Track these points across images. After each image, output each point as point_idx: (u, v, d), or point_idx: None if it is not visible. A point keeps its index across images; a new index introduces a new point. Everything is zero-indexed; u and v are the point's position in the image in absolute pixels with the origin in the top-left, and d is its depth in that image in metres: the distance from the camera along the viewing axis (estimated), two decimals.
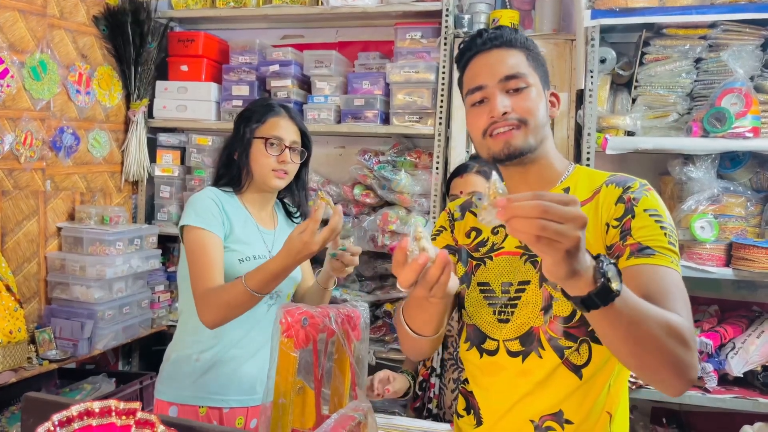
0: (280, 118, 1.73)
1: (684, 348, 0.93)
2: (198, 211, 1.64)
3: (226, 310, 1.55)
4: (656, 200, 1.12)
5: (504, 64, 1.16)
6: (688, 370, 0.94)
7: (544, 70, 1.22)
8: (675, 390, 0.97)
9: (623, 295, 0.86)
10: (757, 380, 2.22)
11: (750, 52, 2.23)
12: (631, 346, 0.92)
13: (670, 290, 1.01)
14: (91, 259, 2.64)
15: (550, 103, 1.22)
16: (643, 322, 0.90)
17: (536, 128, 1.16)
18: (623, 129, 2.35)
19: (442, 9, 2.69)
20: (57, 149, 2.71)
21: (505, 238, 1.23)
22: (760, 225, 2.29)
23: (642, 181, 1.15)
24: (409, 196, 2.76)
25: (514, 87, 1.15)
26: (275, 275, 1.52)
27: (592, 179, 1.20)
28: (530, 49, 1.21)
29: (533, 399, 1.15)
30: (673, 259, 1.05)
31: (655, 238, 1.06)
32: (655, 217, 1.08)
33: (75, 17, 2.80)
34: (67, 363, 2.56)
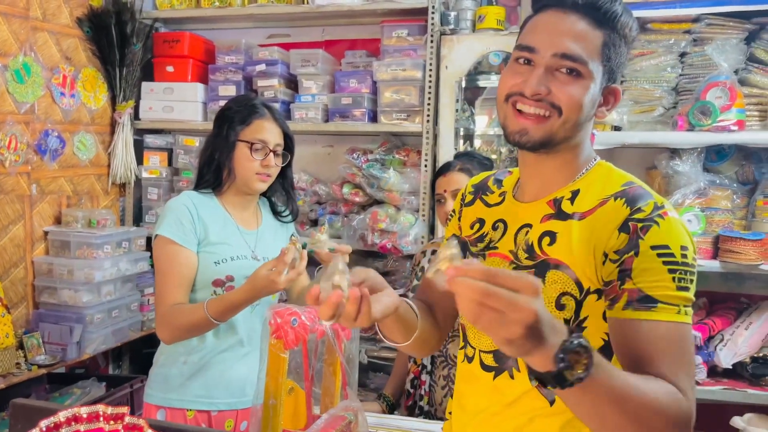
0: (265, 121, 1.71)
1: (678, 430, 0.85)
2: (171, 222, 1.65)
3: (183, 331, 1.62)
4: (671, 230, 0.94)
5: (571, 38, 0.97)
6: None
7: (618, 61, 1.02)
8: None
9: (594, 376, 0.76)
10: (746, 371, 2.23)
11: (734, 46, 2.25)
12: (598, 425, 0.85)
13: (670, 354, 0.90)
14: (79, 262, 2.62)
15: (605, 100, 1.04)
16: (617, 405, 0.80)
17: (569, 123, 0.99)
18: (610, 124, 2.36)
19: (428, 6, 2.69)
20: (42, 153, 2.68)
21: (501, 238, 1.12)
22: (747, 217, 2.30)
23: (660, 201, 0.97)
24: (398, 194, 2.76)
25: (567, 67, 0.98)
26: (236, 306, 1.59)
27: (607, 183, 1.04)
28: (618, 31, 1.00)
29: (501, 419, 1.08)
30: (680, 309, 0.92)
31: (660, 284, 0.91)
32: (663, 258, 0.92)
33: (58, 19, 2.77)
34: (57, 368, 2.54)
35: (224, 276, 1.66)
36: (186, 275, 1.64)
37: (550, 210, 1.05)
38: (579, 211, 1.02)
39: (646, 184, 1.03)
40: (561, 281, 1.00)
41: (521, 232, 1.08)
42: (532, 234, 1.05)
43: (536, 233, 1.04)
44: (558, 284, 1.00)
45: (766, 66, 2.28)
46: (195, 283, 1.67)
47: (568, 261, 0.99)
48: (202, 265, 1.66)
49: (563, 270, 1.00)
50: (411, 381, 1.96)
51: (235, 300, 1.56)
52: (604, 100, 1.04)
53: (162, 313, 1.62)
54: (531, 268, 1.03)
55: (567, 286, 0.99)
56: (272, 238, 1.81)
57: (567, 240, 1.00)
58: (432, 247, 2.09)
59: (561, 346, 0.74)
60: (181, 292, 1.63)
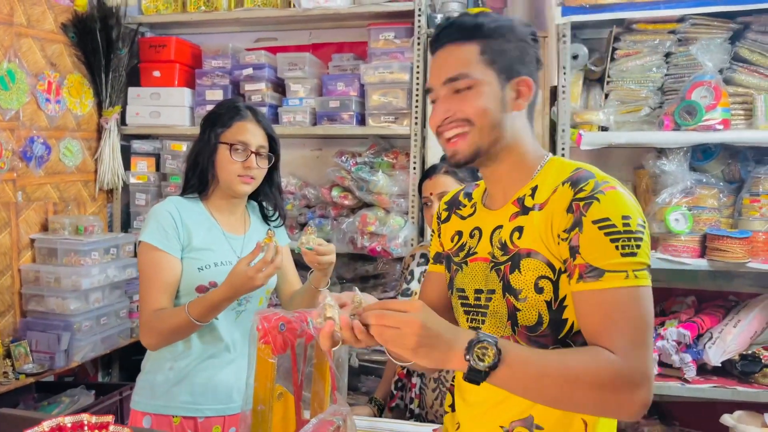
0: (247, 122, 1.70)
1: (604, 392, 0.93)
2: (155, 228, 1.65)
3: (166, 336, 1.62)
4: (611, 202, 1.01)
5: (450, 63, 1.10)
6: (618, 408, 0.94)
7: (510, 58, 1.10)
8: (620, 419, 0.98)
9: (507, 361, 0.93)
10: (735, 369, 2.24)
11: (718, 45, 2.26)
12: (539, 400, 0.97)
13: (610, 321, 0.97)
14: (66, 270, 2.60)
15: (517, 92, 1.11)
16: (542, 380, 0.94)
17: (485, 128, 1.09)
18: (597, 124, 2.37)
19: (414, 9, 2.69)
20: (27, 159, 2.66)
21: (478, 243, 1.19)
22: (733, 216, 2.32)
23: (601, 178, 1.05)
24: (388, 196, 2.76)
25: (460, 87, 1.09)
26: (216, 306, 1.58)
27: (558, 174, 1.11)
28: (490, 37, 1.10)
29: (504, 406, 1.13)
30: (629, 274, 0.97)
31: (604, 254, 0.98)
32: (605, 229, 0.99)
33: (43, 25, 2.75)
34: (45, 376, 2.52)
35: (207, 282, 1.65)
36: (169, 281, 1.63)
37: (516, 209, 1.13)
38: (538, 203, 1.10)
39: (595, 168, 1.09)
40: (535, 267, 1.07)
41: (495, 233, 1.16)
42: (504, 232, 1.13)
43: (507, 231, 1.13)
44: (533, 270, 1.07)
45: (750, 65, 2.30)
46: (179, 289, 1.66)
47: (537, 247, 1.07)
48: (185, 272, 1.65)
49: (534, 256, 1.07)
50: (395, 383, 1.96)
51: (216, 299, 1.55)
52: (518, 93, 1.12)
53: (145, 319, 1.61)
54: (507, 262, 1.11)
55: (541, 270, 1.07)
56: None
57: (531, 229, 1.08)
58: (421, 249, 2.09)
59: (467, 346, 0.93)
60: (165, 298, 1.62)
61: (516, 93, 1.12)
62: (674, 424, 2.57)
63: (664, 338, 2.23)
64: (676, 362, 2.22)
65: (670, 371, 2.25)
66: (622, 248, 0.98)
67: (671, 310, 2.50)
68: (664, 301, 2.57)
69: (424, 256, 2.04)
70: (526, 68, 1.12)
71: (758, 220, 2.23)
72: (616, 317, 0.97)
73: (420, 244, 2.23)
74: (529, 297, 1.08)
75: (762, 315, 2.32)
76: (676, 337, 2.21)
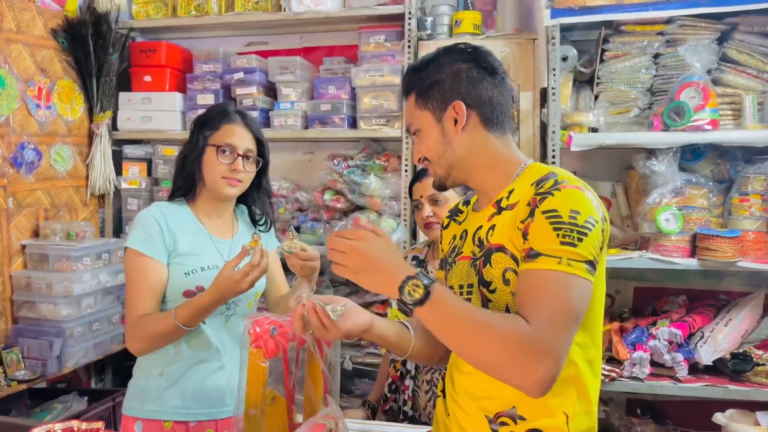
0: (235, 125, 1.70)
1: (510, 355, 1.00)
2: (140, 234, 1.65)
3: (152, 341, 1.62)
4: (565, 198, 1.09)
5: (405, 116, 1.38)
6: (520, 374, 1.01)
7: (438, 92, 1.22)
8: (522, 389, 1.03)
9: (433, 301, 1.05)
10: (727, 368, 2.25)
11: (706, 46, 2.28)
12: (451, 344, 1.08)
13: (533, 295, 1.05)
14: (58, 276, 2.59)
15: (453, 120, 1.22)
16: (458, 326, 1.05)
17: (436, 161, 1.25)
18: (587, 125, 2.38)
19: (404, 12, 2.70)
20: (18, 165, 2.65)
21: (464, 243, 1.28)
22: (723, 215, 2.33)
23: (563, 178, 1.14)
24: (380, 199, 2.76)
25: (413, 133, 1.28)
26: (203, 310, 1.58)
27: (532, 178, 1.18)
28: (419, 83, 1.25)
29: (489, 396, 1.19)
30: (562, 260, 1.04)
31: (544, 240, 1.07)
32: (550, 219, 1.07)
33: (32, 31, 2.74)
34: (37, 383, 2.50)
35: (194, 287, 1.65)
36: (155, 286, 1.63)
37: (494, 210, 1.23)
38: (511, 203, 1.20)
39: (567, 173, 1.18)
40: (502, 260, 1.16)
41: (476, 233, 1.25)
42: (482, 231, 1.23)
43: (484, 230, 1.22)
44: (501, 263, 1.16)
45: (738, 65, 2.31)
46: (166, 294, 1.66)
47: (504, 242, 1.16)
48: (172, 277, 1.65)
49: (502, 251, 1.16)
50: (389, 385, 1.96)
51: (202, 304, 1.55)
52: (454, 121, 1.22)
53: (131, 324, 1.61)
54: (481, 257, 1.20)
55: (507, 263, 1.15)
56: None
57: (501, 226, 1.18)
58: (413, 252, 2.09)
59: (402, 280, 1.06)
60: (151, 303, 1.62)
61: (453, 120, 1.22)
62: (667, 423, 2.58)
63: (655, 338, 2.24)
64: (668, 361, 2.23)
65: (662, 371, 2.26)
66: (563, 237, 1.05)
67: (663, 309, 2.51)
68: (655, 301, 2.58)
69: (416, 258, 2.04)
70: (456, 92, 1.22)
71: (748, 219, 2.24)
72: (540, 294, 1.05)
73: (412, 247, 2.24)
74: (498, 288, 1.16)
75: (752, 313, 2.34)
76: (668, 337, 2.22)
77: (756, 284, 2.51)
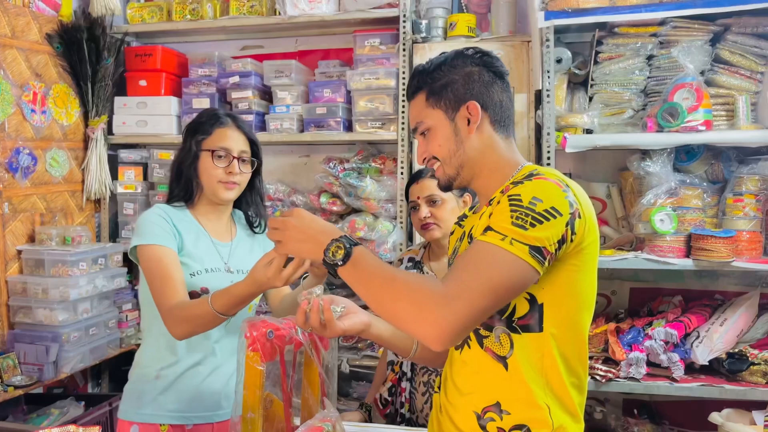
0: (227, 129, 1.70)
1: (418, 306, 1.05)
2: (148, 229, 1.63)
3: (193, 323, 1.54)
4: (532, 186, 1.12)
5: (411, 116, 1.32)
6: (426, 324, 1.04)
7: (451, 91, 1.24)
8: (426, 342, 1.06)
9: (355, 262, 1.12)
10: (723, 367, 2.26)
11: (699, 48, 2.29)
12: (371, 302, 1.13)
13: (464, 261, 1.09)
14: (54, 280, 2.58)
15: (466, 120, 1.23)
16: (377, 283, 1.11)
17: (447, 161, 1.25)
18: (581, 127, 2.39)
19: (399, 15, 2.71)
20: (13, 170, 2.65)
21: (461, 244, 1.30)
22: (717, 215, 2.34)
23: (540, 171, 1.18)
24: (376, 202, 2.77)
25: (421, 132, 1.29)
26: (241, 299, 1.52)
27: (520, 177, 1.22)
28: (430, 82, 1.26)
29: (476, 391, 1.22)
30: (506, 238, 1.06)
31: (499, 219, 1.10)
32: (511, 201, 1.10)
33: (27, 36, 2.74)
34: (34, 388, 2.50)
35: (199, 288, 1.64)
36: (177, 273, 1.60)
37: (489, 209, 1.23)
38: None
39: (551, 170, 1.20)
40: None
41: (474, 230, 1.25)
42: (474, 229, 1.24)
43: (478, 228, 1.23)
44: None
45: (731, 66, 2.33)
46: None
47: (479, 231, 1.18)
48: None
49: None
50: (389, 389, 1.96)
51: (239, 293, 1.50)
52: (468, 119, 1.24)
53: (166, 311, 1.55)
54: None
55: None
56: (247, 251, 1.80)
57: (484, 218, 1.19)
58: (410, 254, 2.09)
59: (328, 243, 1.14)
60: (181, 289, 1.58)
61: (466, 119, 1.24)
62: (664, 423, 2.59)
63: (651, 338, 2.24)
64: (664, 362, 2.24)
65: (658, 371, 2.27)
66: (516, 219, 1.08)
67: (658, 309, 2.52)
68: (651, 301, 2.59)
69: (412, 260, 2.05)
70: (470, 93, 1.24)
71: (742, 219, 2.25)
72: (468, 260, 1.09)
73: (408, 249, 2.24)
74: None
75: (748, 313, 2.35)
76: (664, 337, 2.23)
77: (751, 284, 2.52)
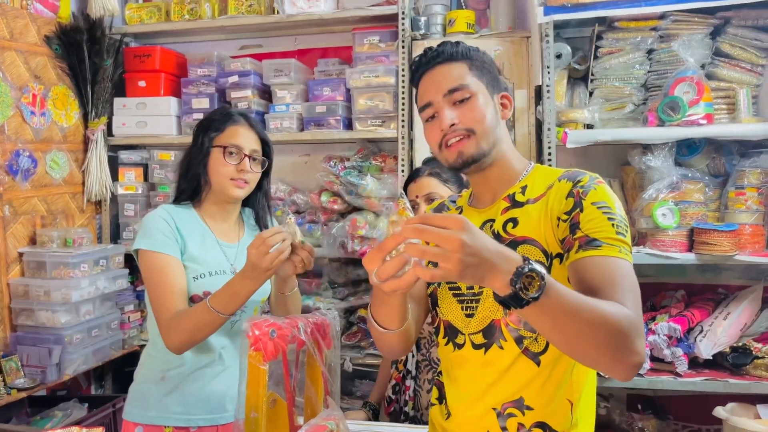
0: (240, 127, 1.70)
1: (622, 337, 0.96)
2: (150, 233, 1.62)
3: (192, 334, 1.56)
4: (606, 192, 1.15)
5: (447, 78, 1.22)
6: (627, 356, 0.97)
7: (491, 75, 1.26)
8: (618, 375, 0.99)
9: (548, 295, 0.90)
10: (727, 361, 2.26)
11: (700, 41, 2.28)
12: (560, 337, 0.97)
13: (615, 281, 1.04)
14: (56, 282, 2.58)
15: (502, 105, 1.26)
16: (573, 317, 0.93)
17: (485, 134, 1.21)
18: (582, 122, 2.39)
19: (398, 12, 2.70)
20: (14, 173, 2.65)
21: None
22: (720, 209, 2.34)
23: (593, 175, 1.19)
24: (377, 200, 2.76)
25: (459, 98, 1.21)
26: (236, 292, 1.52)
27: (548, 176, 1.24)
28: (473, 58, 1.25)
29: (496, 388, 1.20)
30: (621, 249, 1.08)
31: (603, 229, 1.09)
32: (603, 209, 1.11)
33: (26, 38, 2.74)
34: (37, 390, 2.50)
35: (202, 292, 1.63)
36: (179, 283, 1.60)
37: (507, 204, 1.24)
38: (531, 197, 1.22)
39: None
40: (530, 252, 1.16)
41: (485, 227, 1.24)
42: (497, 225, 1.22)
43: (499, 223, 1.22)
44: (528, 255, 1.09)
45: (732, 59, 2.32)
46: None
47: (533, 235, 1.17)
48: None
49: (530, 243, 1.17)
50: (393, 387, 1.96)
51: (234, 286, 1.51)
52: (503, 105, 1.27)
53: (166, 320, 1.56)
54: None
55: (535, 256, 1.16)
56: None
57: (527, 219, 1.18)
58: None
59: (514, 272, 0.89)
60: (181, 299, 1.58)
61: (501, 105, 1.26)
62: (668, 418, 2.59)
63: (655, 333, 2.24)
64: (667, 356, 2.23)
65: (662, 365, 2.27)
66: (616, 227, 1.09)
67: (661, 304, 2.51)
68: (654, 296, 2.59)
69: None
70: (499, 84, 1.28)
71: (744, 212, 2.25)
72: (620, 280, 1.05)
73: None
74: None
75: (751, 307, 2.34)
76: (667, 332, 2.23)
77: (754, 277, 2.51)
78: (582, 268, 1.08)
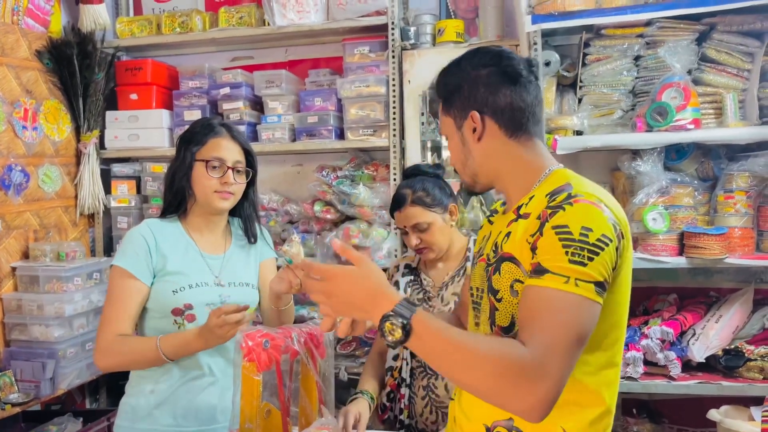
0: (222, 138, 1.70)
1: (503, 380, 0.95)
2: (125, 251, 1.66)
3: (128, 362, 1.63)
4: (577, 213, 1.05)
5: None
6: (512, 400, 0.96)
7: (459, 100, 1.22)
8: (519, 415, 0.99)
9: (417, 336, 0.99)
10: (719, 364, 2.27)
11: (686, 47, 2.30)
12: (443, 373, 1.04)
13: (534, 317, 1.01)
14: (49, 297, 2.58)
15: (472, 129, 1.21)
16: (444, 359, 0.99)
17: (462, 169, 1.26)
18: (571, 129, 2.40)
19: (387, 23, 2.72)
20: (6, 187, 2.65)
21: (486, 244, 1.27)
22: (709, 213, 2.35)
23: (577, 191, 1.09)
24: (369, 208, 2.77)
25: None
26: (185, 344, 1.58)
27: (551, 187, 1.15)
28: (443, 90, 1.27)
29: (488, 405, 1.14)
30: (569, 280, 1.00)
31: (552, 257, 1.02)
32: (560, 235, 1.03)
33: (17, 53, 2.75)
34: (31, 405, 2.49)
35: (182, 304, 1.64)
36: (134, 307, 1.63)
37: (514, 216, 1.19)
38: (528, 211, 1.15)
39: (586, 183, 1.14)
40: (512, 271, 1.13)
41: (496, 237, 1.22)
42: (500, 236, 1.20)
43: (502, 235, 1.19)
44: (510, 273, 1.13)
45: (718, 65, 2.34)
46: (154, 311, 1.67)
47: (515, 252, 1.13)
48: (161, 294, 1.65)
49: (512, 261, 1.13)
50: (388, 395, 1.96)
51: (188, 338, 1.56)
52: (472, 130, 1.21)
53: (106, 339, 1.60)
54: (493, 264, 1.18)
55: (516, 274, 1.12)
56: (242, 264, 1.79)
57: (514, 235, 1.14)
58: (405, 260, 2.10)
59: (381, 318, 1.00)
60: (128, 324, 1.62)
61: (472, 128, 1.21)
62: (663, 422, 2.60)
63: (648, 337, 2.25)
64: (660, 360, 2.24)
65: (655, 369, 2.28)
66: (572, 255, 1.01)
67: (654, 308, 2.52)
68: (646, 300, 2.60)
69: (407, 267, 2.05)
70: (473, 100, 1.20)
71: (733, 216, 2.26)
72: (542, 315, 1.00)
73: (403, 255, 2.24)
74: (504, 298, 1.14)
75: (742, 309, 2.36)
76: (660, 335, 2.24)
77: (744, 280, 2.53)
78: (522, 297, 1.06)
